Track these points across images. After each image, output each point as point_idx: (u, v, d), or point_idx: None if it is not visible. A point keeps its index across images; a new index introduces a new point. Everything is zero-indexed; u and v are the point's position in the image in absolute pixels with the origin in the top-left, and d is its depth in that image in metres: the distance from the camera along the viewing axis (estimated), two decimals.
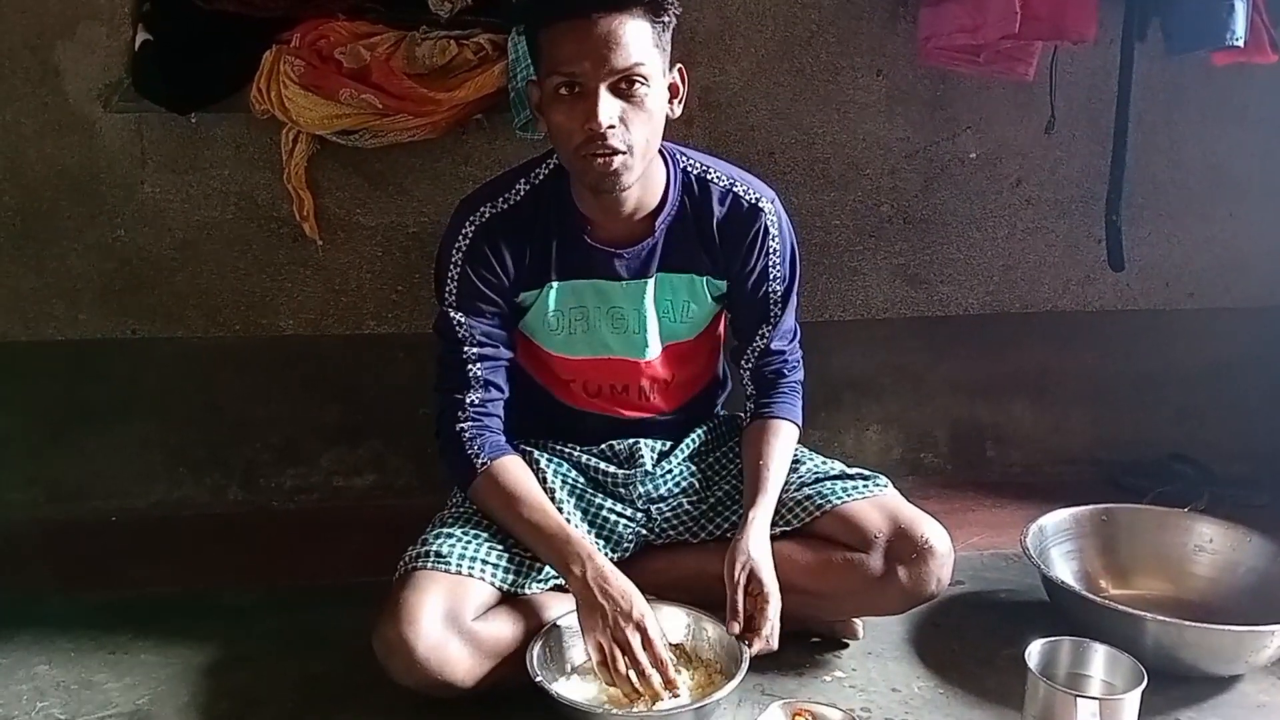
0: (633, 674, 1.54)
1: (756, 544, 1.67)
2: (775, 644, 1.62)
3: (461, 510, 1.77)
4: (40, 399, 2.42)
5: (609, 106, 1.56)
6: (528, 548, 1.69)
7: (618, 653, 1.55)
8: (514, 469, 1.72)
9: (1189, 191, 2.63)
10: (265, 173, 2.36)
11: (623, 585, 1.59)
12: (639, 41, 1.56)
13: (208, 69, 2.28)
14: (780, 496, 1.78)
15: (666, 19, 1.60)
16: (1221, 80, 2.48)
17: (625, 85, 1.56)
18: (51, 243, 2.36)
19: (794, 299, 1.87)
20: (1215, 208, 2.65)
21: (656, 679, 1.54)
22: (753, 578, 1.63)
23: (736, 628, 1.62)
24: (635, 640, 1.55)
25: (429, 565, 1.62)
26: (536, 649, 1.61)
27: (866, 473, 1.84)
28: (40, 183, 2.33)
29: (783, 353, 1.87)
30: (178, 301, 2.42)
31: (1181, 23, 2.21)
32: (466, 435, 1.73)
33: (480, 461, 1.70)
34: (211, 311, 2.43)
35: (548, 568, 1.70)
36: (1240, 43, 2.12)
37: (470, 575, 1.63)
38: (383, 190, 2.40)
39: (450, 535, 1.68)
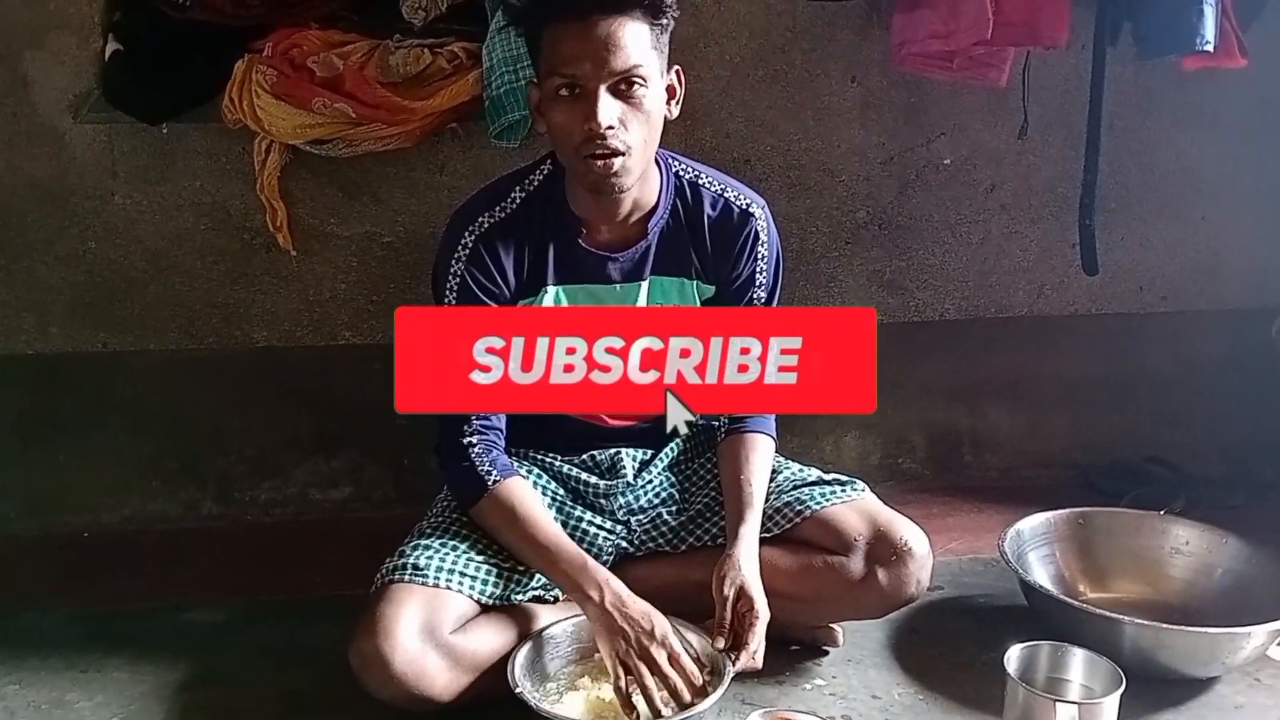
0: (654, 691, 1.52)
1: (746, 561, 1.66)
2: (760, 662, 1.61)
3: (440, 521, 1.75)
4: (10, 413, 2.39)
5: (609, 107, 1.56)
6: (530, 566, 1.68)
7: (644, 669, 1.53)
8: (523, 490, 1.71)
9: (1162, 195, 2.65)
10: (238, 183, 2.33)
11: (642, 607, 1.58)
12: (638, 43, 1.57)
13: (179, 79, 2.26)
14: None
15: (665, 21, 1.61)
16: (1192, 85, 2.49)
17: (624, 87, 1.57)
18: (20, 255, 2.33)
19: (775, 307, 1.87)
20: (1188, 211, 2.67)
21: (685, 692, 1.52)
22: (742, 594, 1.62)
23: (722, 643, 1.60)
24: (662, 657, 1.54)
25: (406, 578, 1.61)
26: (519, 660, 1.59)
27: (844, 478, 1.85)
28: (9, 194, 2.30)
29: None
30: (150, 313, 2.39)
31: (1152, 28, 2.23)
32: (475, 450, 1.70)
33: (492, 479, 1.68)
34: (184, 323, 2.41)
35: (527, 579, 1.70)
36: (1210, 48, 2.13)
37: (448, 588, 1.62)
38: (357, 200, 2.38)
39: (428, 547, 1.67)
